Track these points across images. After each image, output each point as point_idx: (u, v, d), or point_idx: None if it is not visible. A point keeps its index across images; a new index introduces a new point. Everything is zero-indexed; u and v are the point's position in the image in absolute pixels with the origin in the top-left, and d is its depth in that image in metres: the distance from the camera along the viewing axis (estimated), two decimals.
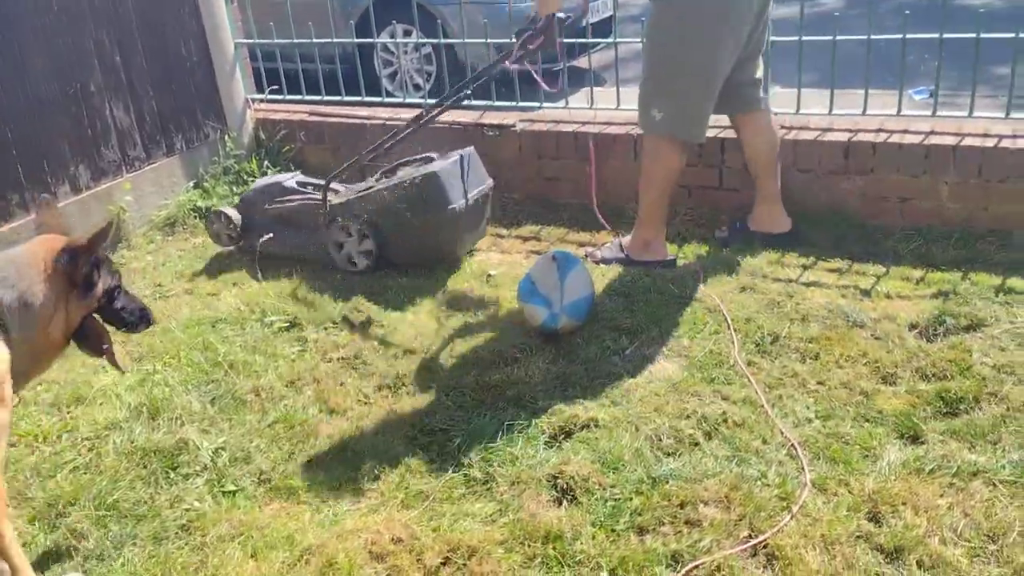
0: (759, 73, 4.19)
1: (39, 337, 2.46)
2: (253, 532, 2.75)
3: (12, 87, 4.51)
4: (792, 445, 2.90)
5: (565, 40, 4.16)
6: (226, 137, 5.73)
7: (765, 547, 2.51)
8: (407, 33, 7.48)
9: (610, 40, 5.24)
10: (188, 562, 2.65)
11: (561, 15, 3.88)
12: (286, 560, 2.62)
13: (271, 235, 4.63)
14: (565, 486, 2.80)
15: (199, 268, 4.76)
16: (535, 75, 4.15)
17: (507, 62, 4.00)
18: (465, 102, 5.13)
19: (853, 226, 4.41)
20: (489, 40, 5.32)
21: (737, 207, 4.58)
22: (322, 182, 4.56)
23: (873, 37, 4.35)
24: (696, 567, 2.46)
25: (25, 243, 2.57)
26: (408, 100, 6.00)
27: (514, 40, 3.97)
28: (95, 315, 2.64)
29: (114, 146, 5.07)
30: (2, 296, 2.38)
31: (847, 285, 3.93)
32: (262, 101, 6.01)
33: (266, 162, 5.74)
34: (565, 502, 2.77)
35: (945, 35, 4.20)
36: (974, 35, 4.19)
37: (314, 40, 5.67)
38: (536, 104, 5.23)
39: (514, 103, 5.25)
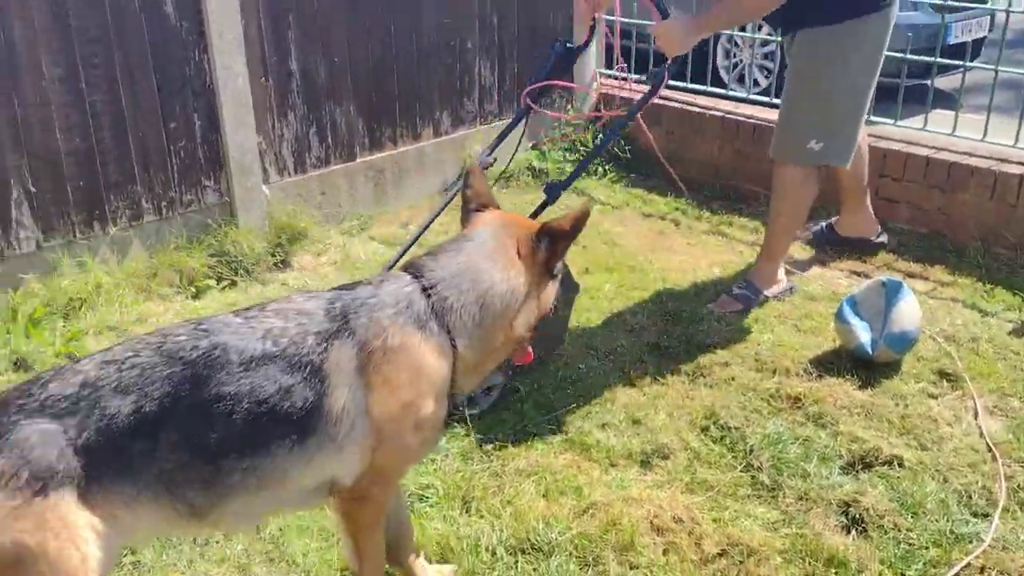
0: None
1: (499, 336, 2.16)
2: (547, 475, 2.98)
3: (406, 37, 5.09)
4: None
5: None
6: (569, 105, 6.04)
7: None
8: (759, 27, 7.37)
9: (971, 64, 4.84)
10: (488, 484, 2.94)
11: None
12: (574, 508, 2.82)
13: None
14: (857, 516, 2.76)
15: None
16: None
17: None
18: None
19: None
20: None
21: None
22: None
23: None
24: None
25: (478, 226, 2.23)
26: (751, 96, 5.93)
27: None
28: None
29: (475, 99, 5.57)
30: (453, 301, 2.08)
31: None
32: (608, 76, 6.25)
33: (600, 135, 5.98)
34: (854, 532, 2.72)
35: None
36: None
37: None
38: (889, 120, 4.98)
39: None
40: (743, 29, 7.42)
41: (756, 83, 7.48)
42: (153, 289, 4.24)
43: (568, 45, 3.63)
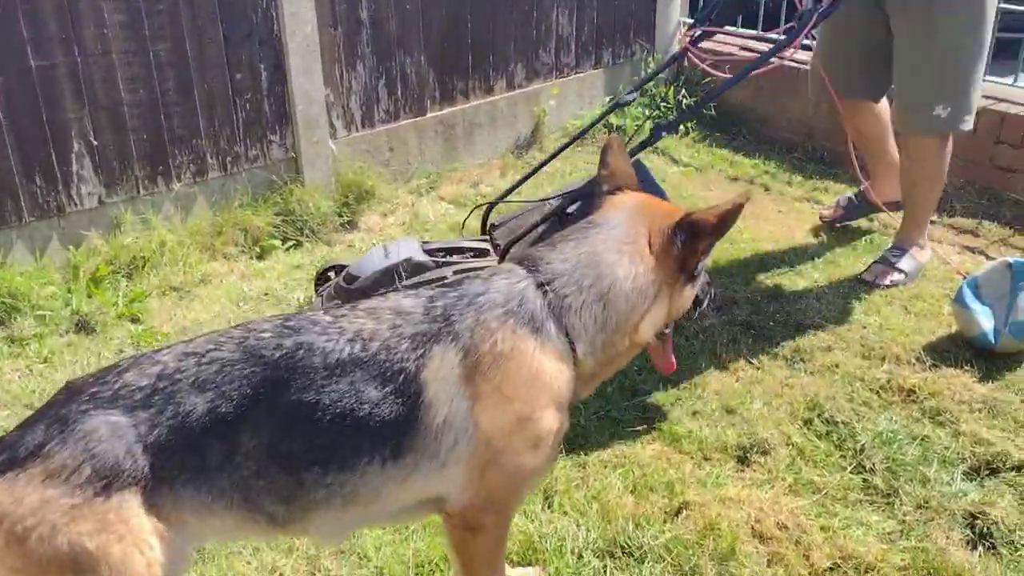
0: None
1: (623, 341, 1.89)
2: (634, 468, 2.76)
3: None
4: None
5: None
6: (650, 58, 5.68)
7: None
8: None
9: None
10: (571, 476, 2.72)
11: None
12: (664, 508, 2.59)
13: None
14: (984, 530, 2.48)
15: None
16: None
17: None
18: None
19: None
20: None
21: None
22: (459, 244, 3.50)
23: None
24: None
25: (608, 211, 1.96)
26: None
27: None
28: None
29: (551, 50, 5.24)
30: (572, 299, 1.82)
31: None
32: (693, 26, 5.85)
33: (683, 91, 5.62)
34: (981, 548, 2.44)
35: None
36: None
37: None
38: (1007, 80, 4.54)
39: None
40: None
41: None
42: (217, 248, 4.08)
43: None
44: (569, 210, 3.25)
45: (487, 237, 3.48)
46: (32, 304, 3.54)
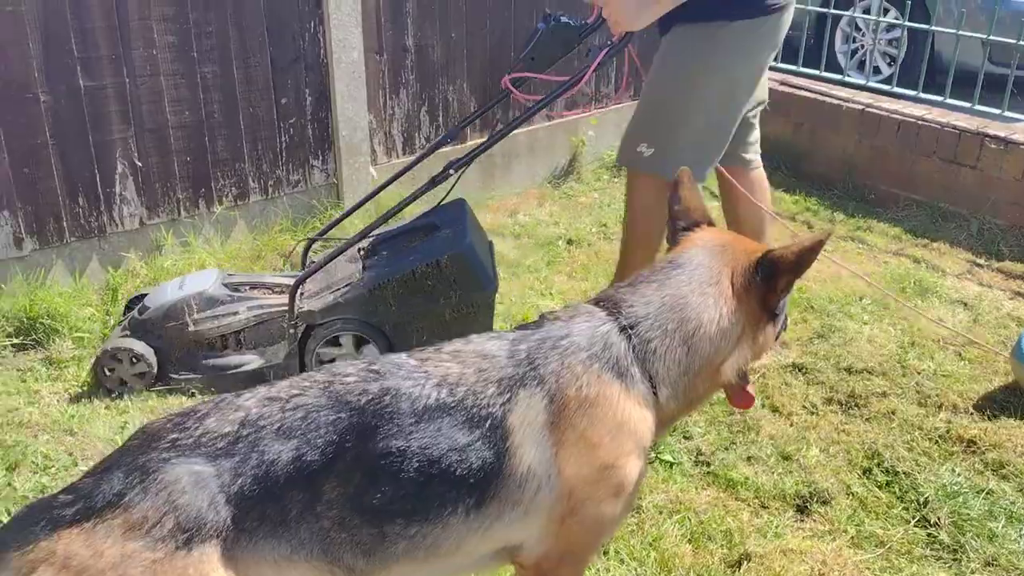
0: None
1: (705, 384, 1.84)
2: (690, 515, 2.68)
3: (527, 12, 4.76)
4: None
5: None
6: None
7: None
8: (885, 11, 6.84)
9: None
10: (626, 522, 2.65)
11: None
12: (724, 558, 2.52)
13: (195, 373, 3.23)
14: None
15: None
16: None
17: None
18: (969, 105, 4.62)
19: None
20: (990, 37, 4.66)
21: None
22: (263, 279, 3.49)
23: None
24: None
25: (688, 249, 1.89)
26: (871, 84, 5.46)
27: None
28: None
29: (591, 81, 5.20)
30: (656, 344, 1.78)
31: None
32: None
33: None
34: None
35: None
36: None
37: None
38: (996, 110, 4.54)
39: None
40: (867, 11, 6.93)
41: (877, 71, 6.97)
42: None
43: (564, 20, 3.11)
44: (361, 246, 3.37)
45: (295, 274, 3.42)
46: (71, 326, 3.50)
